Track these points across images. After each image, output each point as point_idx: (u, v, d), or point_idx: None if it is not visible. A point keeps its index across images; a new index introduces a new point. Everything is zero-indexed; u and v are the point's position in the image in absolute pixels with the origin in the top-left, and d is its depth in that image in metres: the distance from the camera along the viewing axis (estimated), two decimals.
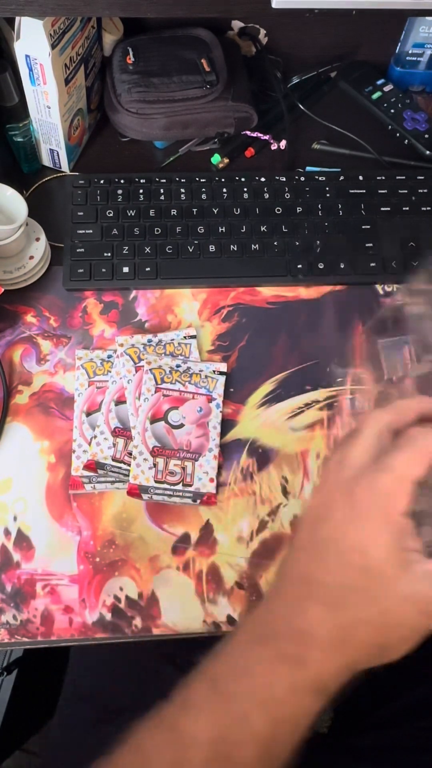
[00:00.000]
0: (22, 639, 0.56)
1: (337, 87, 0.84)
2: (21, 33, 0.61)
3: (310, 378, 0.66)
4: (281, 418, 0.64)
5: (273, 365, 0.66)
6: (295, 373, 0.66)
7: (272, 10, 0.55)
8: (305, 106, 0.80)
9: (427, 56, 0.82)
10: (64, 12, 0.58)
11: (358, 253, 0.71)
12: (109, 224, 0.71)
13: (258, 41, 0.81)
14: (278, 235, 0.71)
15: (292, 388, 0.65)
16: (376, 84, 0.83)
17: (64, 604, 0.57)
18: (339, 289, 0.70)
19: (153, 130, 0.75)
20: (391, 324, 0.67)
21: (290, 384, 0.65)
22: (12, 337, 0.67)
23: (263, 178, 0.74)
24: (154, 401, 0.62)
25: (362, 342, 0.67)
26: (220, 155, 0.78)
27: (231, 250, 0.70)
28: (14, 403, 0.64)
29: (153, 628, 0.57)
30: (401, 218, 0.73)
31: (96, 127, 0.80)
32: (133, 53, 0.73)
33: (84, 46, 0.68)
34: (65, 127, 0.71)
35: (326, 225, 0.72)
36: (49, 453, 0.62)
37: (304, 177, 0.75)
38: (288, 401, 0.65)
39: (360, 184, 0.74)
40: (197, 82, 0.72)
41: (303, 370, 0.66)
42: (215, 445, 0.61)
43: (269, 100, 0.81)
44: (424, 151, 0.79)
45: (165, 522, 0.60)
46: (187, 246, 0.70)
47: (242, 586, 0.58)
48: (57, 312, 0.68)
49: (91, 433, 0.61)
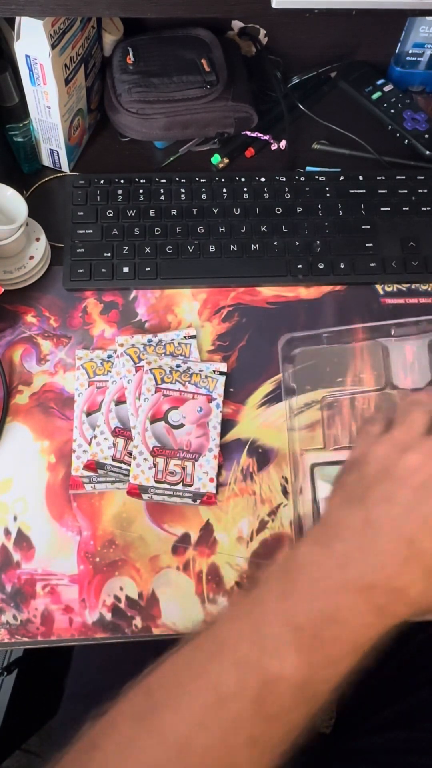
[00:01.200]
0: (22, 639, 0.56)
1: (337, 87, 0.84)
2: (21, 33, 0.61)
3: (310, 378, 0.66)
4: (281, 418, 0.64)
5: (273, 365, 0.66)
6: (295, 372, 0.66)
7: (272, 10, 0.55)
8: (305, 106, 0.80)
9: (427, 56, 0.82)
10: (64, 12, 0.58)
11: (358, 253, 0.71)
12: (109, 224, 0.71)
13: (258, 41, 0.81)
14: (278, 235, 0.71)
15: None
16: (376, 84, 0.83)
17: (64, 604, 0.57)
18: (339, 289, 0.70)
19: (153, 130, 0.75)
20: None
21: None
22: (12, 337, 0.67)
23: (263, 178, 0.74)
24: (154, 401, 0.62)
25: (363, 343, 0.67)
26: (220, 155, 0.78)
27: (231, 250, 0.70)
28: (14, 403, 0.64)
29: (153, 628, 0.57)
30: (401, 218, 0.73)
31: (96, 127, 0.80)
32: (133, 53, 0.73)
33: (84, 46, 0.68)
34: (65, 127, 0.71)
35: (326, 225, 0.72)
36: (49, 453, 0.62)
37: (304, 177, 0.75)
38: (288, 401, 0.65)
39: (360, 184, 0.74)
40: (197, 82, 0.72)
41: (303, 369, 0.66)
42: (215, 445, 0.61)
43: (269, 100, 0.81)
44: (424, 151, 0.79)
45: (165, 522, 0.60)
46: (187, 246, 0.70)
47: (242, 586, 0.58)
48: (57, 312, 0.68)
49: (91, 433, 0.61)
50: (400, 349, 0.66)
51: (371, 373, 0.65)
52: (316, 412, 0.64)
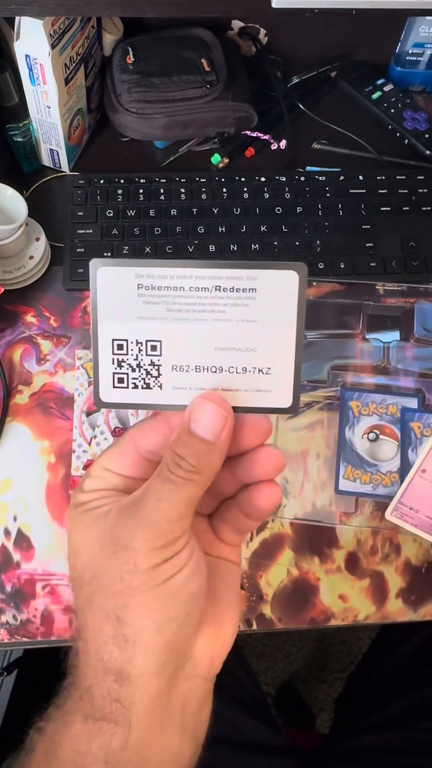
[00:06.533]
0: (22, 639, 0.56)
1: (337, 87, 0.84)
2: (21, 33, 0.61)
3: (309, 378, 0.66)
4: (281, 418, 0.64)
5: None
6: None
7: (272, 10, 0.55)
8: (305, 106, 0.80)
9: (427, 56, 0.82)
10: (64, 12, 0.57)
11: (358, 253, 0.71)
12: (109, 224, 0.71)
13: (258, 41, 0.81)
14: (278, 235, 0.71)
15: None
16: (376, 84, 0.83)
17: (64, 604, 0.57)
18: (339, 289, 0.70)
19: (153, 130, 0.75)
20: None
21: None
22: (12, 337, 0.67)
23: (263, 178, 0.74)
24: None
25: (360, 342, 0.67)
26: (220, 155, 0.78)
27: (231, 250, 0.70)
28: (14, 403, 0.64)
29: None
30: (401, 218, 0.73)
31: (96, 127, 0.80)
32: (133, 53, 0.73)
33: (84, 46, 0.68)
34: (65, 127, 0.71)
35: (326, 225, 0.72)
36: (49, 453, 0.62)
37: (304, 177, 0.75)
38: None
39: (360, 184, 0.74)
40: (197, 82, 0.72)
41: (303, 370, 0.66)
42: None
43: (269, 100, 0.81)
44: (424, 151, 0.79)
45: None
46: (187, 246, 0.70)
47: (242, 586, 0.58)
48: (57, 312, 0.68)
49: (91, 433, 0.61)
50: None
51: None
52: (316, 412, 0.64)
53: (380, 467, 0.60)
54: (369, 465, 0.60)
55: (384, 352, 0.66)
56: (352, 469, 0.60)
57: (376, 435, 0.61)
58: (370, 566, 0.59)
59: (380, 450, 0.61)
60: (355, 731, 0.73)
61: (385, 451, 0.61)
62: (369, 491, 0.60)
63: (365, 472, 0.60)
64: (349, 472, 0.60)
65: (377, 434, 0.61)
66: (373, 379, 0.65)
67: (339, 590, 0.59)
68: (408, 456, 0.60)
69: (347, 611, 0.58)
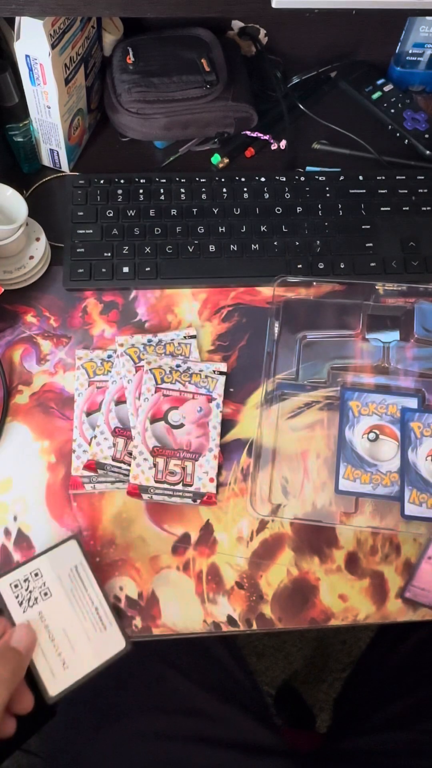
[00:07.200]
0: None
1: (337, 87, 0.84)
2: (21, 33, 0.61)
3: (310, 378, 0.66)
4: (281, 418, 0.64)
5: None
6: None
7: (272, 10, 0.55)
8: (305, 106, 0.80)
9: (427, 56, 0.82)
10: (64, 12, 0.57)
11: (358, 253, 0.71)
12: (109, 224, 0.71)
13: (258, 41, 0.81)
14: (278, 235, 0.71)
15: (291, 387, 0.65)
16: (376, 84, 0.83)
17: None
18: (339, 289, 0.70)
19: (153, 130, 0.75)
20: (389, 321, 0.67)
21: (290, 384, 0.65)
22: (12, 337, 0.67)
23: (263, 178, 0.74)
24: (154, 401, 0.62)
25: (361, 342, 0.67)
26: (220, 155, 0.78)
27: (231, 250, 0.70)
28: (14, 403, 0.64)
29: (153, 628, 0.57)
30: (401, 218, 0.73)
31: (96, 127, 0.80)
32: (133, 53, 0.73)
33: (84, 46, 0.68)
34: (65, 127, 0.71)
35: (326, 225, 0.72)
36: (49, 453, 0.62)
37: (304, 177, 0.75)
38: (288, 401, 0.65)
39: (360, 184, 0.74)
40: (197, 82, 0.72)
41: (303, 370, 0.66)
42: (215, 445, 0.61)
43: (269, 100, 0.81)
44: (424, 151, 0.79)
45: (165, 522, 0.60)
46: (187, 246, 0.70)
47: (242, 586, 0.58)
48: (57, 312, 0.68)
49: (91, 433, 0.61)
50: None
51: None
52: (316, 412, 0.64)
53: (380, 467, 0.60)
54: (369, 465, 0.60)
55: (384, 352, 0.66)
56: (352, 469, 0.60)
57: (376, 435, 0.61)
58: (370, 566, 0.59)
59: (380, 450, 0.61)
60: (354, 732, 0.73)
61: (385, 451, 0.61)
62: (369, 491, 0.60)
63: (365, 472, 0.60)
64: (349, 472, 0.60)
65: (377, 434, 0.61)
66: (373, 379, 0.65)
67: (339, 590, 0.59)
68: (408, 456, 0.60)
69: (347, 611, 0.58)
